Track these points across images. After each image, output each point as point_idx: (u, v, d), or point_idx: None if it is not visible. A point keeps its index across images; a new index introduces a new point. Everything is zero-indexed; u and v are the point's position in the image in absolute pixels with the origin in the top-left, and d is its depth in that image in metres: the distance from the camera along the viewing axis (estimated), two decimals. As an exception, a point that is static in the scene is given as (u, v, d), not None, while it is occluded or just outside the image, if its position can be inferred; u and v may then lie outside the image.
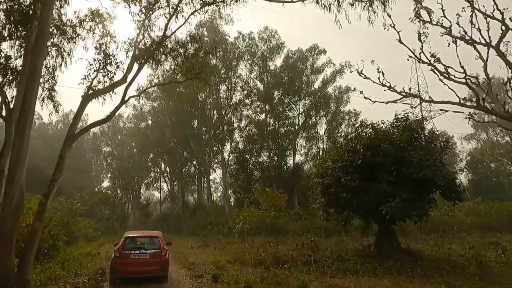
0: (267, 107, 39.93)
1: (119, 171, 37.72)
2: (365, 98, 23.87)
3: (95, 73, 11.51)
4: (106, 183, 55.05)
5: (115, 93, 11.77)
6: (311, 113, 40.72)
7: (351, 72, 23.81)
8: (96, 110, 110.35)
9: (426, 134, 12.71)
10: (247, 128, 40.15)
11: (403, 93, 23.29)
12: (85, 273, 11.48)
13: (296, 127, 40.90)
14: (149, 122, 45.88)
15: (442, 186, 11.58)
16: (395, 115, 13.16)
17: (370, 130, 13.18)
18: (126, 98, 11.12)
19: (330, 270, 11.60)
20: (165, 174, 52.61)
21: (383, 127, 13.24)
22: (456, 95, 20.73)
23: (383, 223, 13.00)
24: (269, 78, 39.72)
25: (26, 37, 10.29)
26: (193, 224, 35.43)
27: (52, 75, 13.01)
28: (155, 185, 53.60)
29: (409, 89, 23.88)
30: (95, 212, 31.01)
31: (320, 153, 41.75)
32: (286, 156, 40.78)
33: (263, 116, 40.84)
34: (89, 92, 10.95)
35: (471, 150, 51.78)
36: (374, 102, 23.61)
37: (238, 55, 37.51)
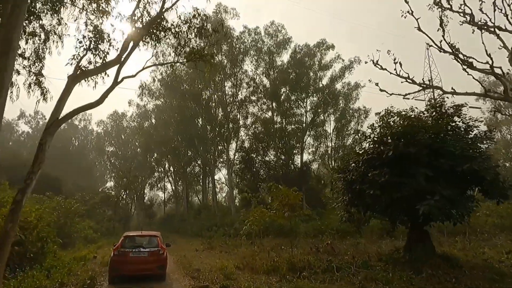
0: (273, 104, 38.27)
1: (122, 171, 36.12)
2: (381, 90, 22.19)
3: (85, 51, 9.88)
4: (110, 184, 53.79)
5: (108, 75, 10.12)
6: (319, 110, 38.97)
7: (365, 63, 21.93)
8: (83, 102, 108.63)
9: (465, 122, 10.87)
10: (253, 126, 38.49)
11: (422, 85, 21.58)
12: (72, 282, 9.84)
13: (304, 125, 39.13)
14: (153, 120, 44.34)
15: (488, 182, 9.79)
16: (428, 100, 11.37)
17: (398, 119, 11.44)
18: (119, 79, 9.46)
19: (356, 279, 9.84)
20: (169, 174, 51.09)
21: (413, 115, 11.47)
22: (482, 85, 18.98)
23: (415, 225, 11.24)
24: (275, 74, 38.03)
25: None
26: (197, 225, 33.82)
27: (39, 58, 11.38)
28: (159, 185, 52.11)
29: (429, 80, 22.16)
30: (96, 212, 29.47)
31: (329, 152, 40.01)
32: (293, 155, 39.03)
33: (269, 113, 39.19)
34: (77, 73, 9.31)
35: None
36: (391, 94, 21.91)
37: (244, 50, 35.88)
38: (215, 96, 36.62)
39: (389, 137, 10.74)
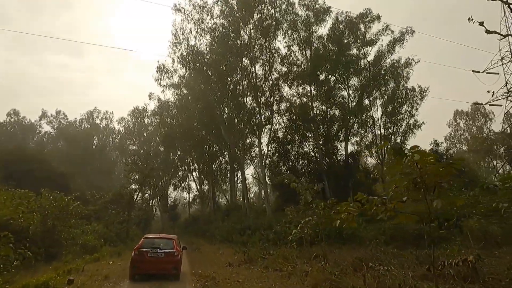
0: (311, 87, 31.59)
1: (135, 163, 30.44)
2: (489, 32, 15.20)
3: None
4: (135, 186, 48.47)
5: None
6: (364, 93, 31.90)
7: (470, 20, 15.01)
8: (104, 99, 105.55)
9: None
10: (288, 112, 31.90)
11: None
12: None
13: (347, 110, 32.15)
14: (174, 111, 38.62)
15: None
16: None
17: None
18: None
19: None
20: (193, 172, 45.28)
21: None
22: None
23: None
24: (312, 52, 31.39)
25: None
26: (226, 228, 27.55)
27: None
28: (183, 184, 46.48)
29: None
30: (107, 214, 23.86)
31: (378, 141, 32.80)
32: (337, 144, 32.13)
33: (306, 98, 32.58)
34: None
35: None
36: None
37: (276, 21, 29.48)
38: (244, 79, 30.37)
39: None
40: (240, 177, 36.04)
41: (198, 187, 43.78)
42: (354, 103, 32.07)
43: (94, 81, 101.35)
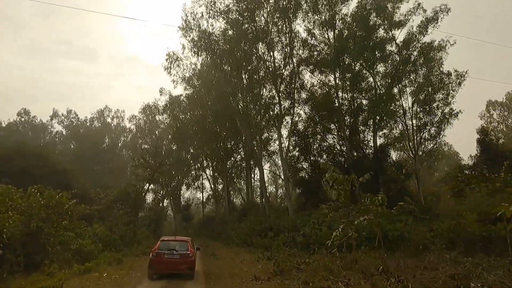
0: (335, 73, 28.16)
1: (143, 157, 27.46)
2: None
3: None
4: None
5: None
6: (395, 80, 28.23)
7: None
8: (117, 104, 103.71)
9: None
10: (310, 102, 28.53)
11: None
12: None
13: (375, 99, 28.56)
14: (186, 105, 35.72)
15: None
16: None
17: None
18: None
19: None
20: (207, 171, 42.32)
21: None
22: None
23: None
24: (336, 35, 28.01)
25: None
26: (244, 229, 24.40)
27: None
28: (196, 183, 43.57)
29: None
30: (112, 214, 21.02)
31: (409, 132, 29.13)
32: (365, 137, 28.62)
33: (329, 86, 29.18)
34: None
35: None
36: None
37: (296, 2, 26.21)
38: (261, 68, 27.21)
39: None
40: (258, 173, 32.89)
41: (212, 186, 40.77)
42: (382, 92, 28.51)
43: (106, 85, 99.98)
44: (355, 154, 28.13)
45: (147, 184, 24.89)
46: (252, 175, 35.92)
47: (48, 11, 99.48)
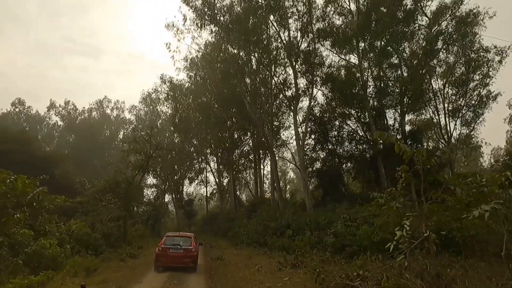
0: (358, 46, 24.14)
1: (136, 139, 23.57)
2: None
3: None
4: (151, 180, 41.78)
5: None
6: (427, 58, 24.12)
7: None
8: (124, 90, 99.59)
9: None
10: (329, 82, 24.55)
11: None
12: None
13: (402, 79, 24.56)
14: (189, 88, 31.95)
15: None
16: None
17: None
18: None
19: None
20: (211, 164, 38.51)
21: None
22: None
23: None
24: (359, 4, 24.05)
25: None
26: (254, 227, 20.53)
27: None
28: (200, 177, 39.77)
29: None
30: (99, 208, 17.25)
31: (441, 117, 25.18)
32: (394, 123, 24.73)
33: (351, 63, 25.24)
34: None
35: None
36: None
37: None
38: (274, 39, 23.33)
39: None
40: (268, 165, 29.00)
41: (217, 180, 36.92)
42: (409, 72, 24.52)
43: (111, 82, 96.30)
44: (381, 141, 24.17)
45: (142, 173, 21.14)
46: (262, 167, 32.10)
47: (53, 10, 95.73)
